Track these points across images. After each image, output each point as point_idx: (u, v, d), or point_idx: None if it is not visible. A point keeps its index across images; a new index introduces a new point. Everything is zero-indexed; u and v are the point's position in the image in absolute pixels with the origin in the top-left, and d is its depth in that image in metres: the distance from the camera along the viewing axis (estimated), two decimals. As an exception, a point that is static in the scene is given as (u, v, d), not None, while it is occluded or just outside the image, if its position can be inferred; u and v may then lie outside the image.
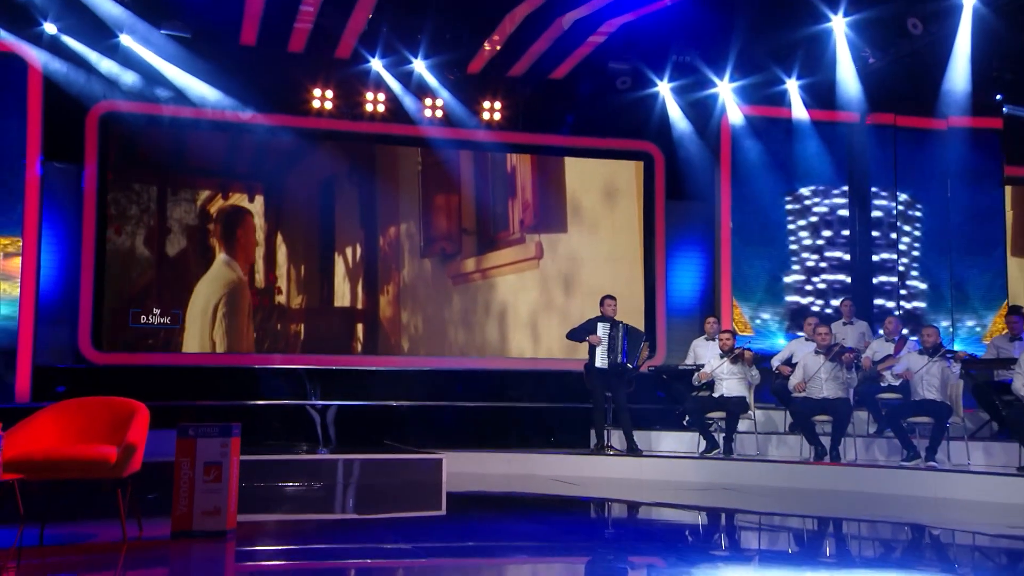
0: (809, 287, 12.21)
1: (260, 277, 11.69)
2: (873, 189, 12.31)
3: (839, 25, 10.51)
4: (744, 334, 11.58)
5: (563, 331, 10.60)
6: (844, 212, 12.35)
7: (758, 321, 11.94)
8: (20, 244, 10.43)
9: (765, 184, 12.13)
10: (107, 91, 11.01)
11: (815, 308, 11.92)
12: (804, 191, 12.30)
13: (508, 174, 12.52)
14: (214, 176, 11.68)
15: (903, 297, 12.17)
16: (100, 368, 10.87)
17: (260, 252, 11.74)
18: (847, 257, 12.28)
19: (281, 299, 11.75)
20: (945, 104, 11.05)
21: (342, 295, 12.01)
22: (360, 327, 12.03)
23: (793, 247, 12.27)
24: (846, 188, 12.35)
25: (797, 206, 12.33)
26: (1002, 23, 9.81)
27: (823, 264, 12.25)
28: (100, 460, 4.85)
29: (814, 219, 12.29)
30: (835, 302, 11.62)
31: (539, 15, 10.45)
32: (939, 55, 10.47)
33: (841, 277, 12.18)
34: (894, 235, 12.32)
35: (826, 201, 12.32)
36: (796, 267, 12.25)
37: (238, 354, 11.49)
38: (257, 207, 11.74)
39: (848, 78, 11.28)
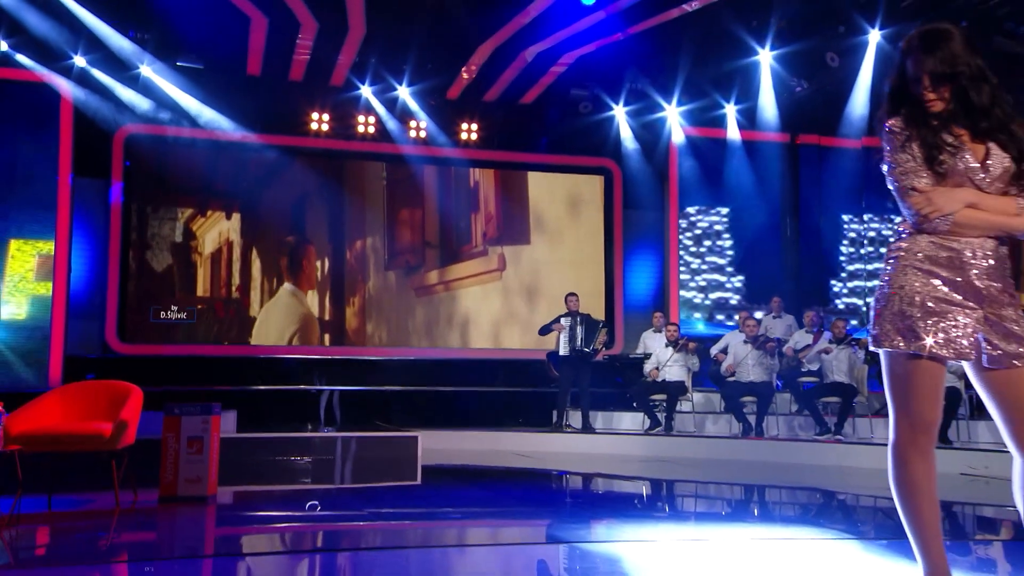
0: (741, 285, 12.33)
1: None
2: (801, 200, 12.39)
3: (766, 58, 10.65)
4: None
5: (524, 338, 10.85)
6: (775, 221, 12.42)
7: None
8: (53, 248, 10.48)
9: (707, 196, 12.25)
10: (130, 116, 11.00)
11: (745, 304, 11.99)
12: (739, 202, 12.32)
13: (472, 189, 12.44)
14: (224, 190, 11.57)
15: (830, 294, 12.31)
16: (124, 358, 10.80)
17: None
18: (778, 260, 12.33)
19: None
20: (858, 126, 11.19)
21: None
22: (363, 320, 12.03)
23: (730, 253, 12.33)
24: (778, 200, 12.39)
25: (733, 216, 12.38)
26: (898, 59, 9.98)
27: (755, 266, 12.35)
28: (96, 434, 4.86)
29: (748, 227, 12.33)
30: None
31: (506, 48, 10.51)
32: (853, 84, 10.65)
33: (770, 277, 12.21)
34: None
35: (760, 211, 12.35)
36: (730, 269, 12.35)
37: (247, 345, 11.46)
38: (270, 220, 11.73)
39: (777, 104, 11.41)
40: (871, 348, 2.68)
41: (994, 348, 2.50)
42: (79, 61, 10.47)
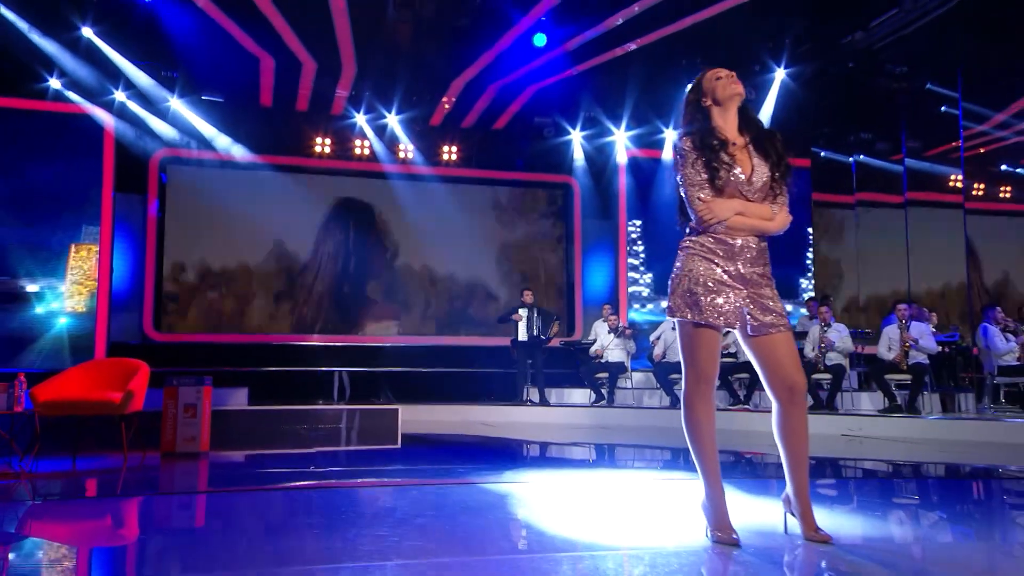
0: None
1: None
2: None
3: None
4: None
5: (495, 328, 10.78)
6: None
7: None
8: (94, 254, 10.64)
9: (650, 207, 12.33)
10: (162, 142, 11.09)
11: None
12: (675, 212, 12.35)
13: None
14: (242, 204, 11.49)
15: None
16: (159, 344, 10.92)
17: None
18: None
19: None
20: None
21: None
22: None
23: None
24: None
25: (671, 223, 12.36)
26: (802, 91, 10.32)
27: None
28: (108, 401, 4.97)
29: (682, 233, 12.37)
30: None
31: (476, 82, 10.73)
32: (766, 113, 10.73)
33: None
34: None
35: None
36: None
37: (259, 333, 11.52)
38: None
39: None
40: (667, 317, 2.98)
41: (755, 320, 2.77)
42: (119, 96, 10.63)
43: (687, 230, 2.92)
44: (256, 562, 2.75)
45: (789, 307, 11.78)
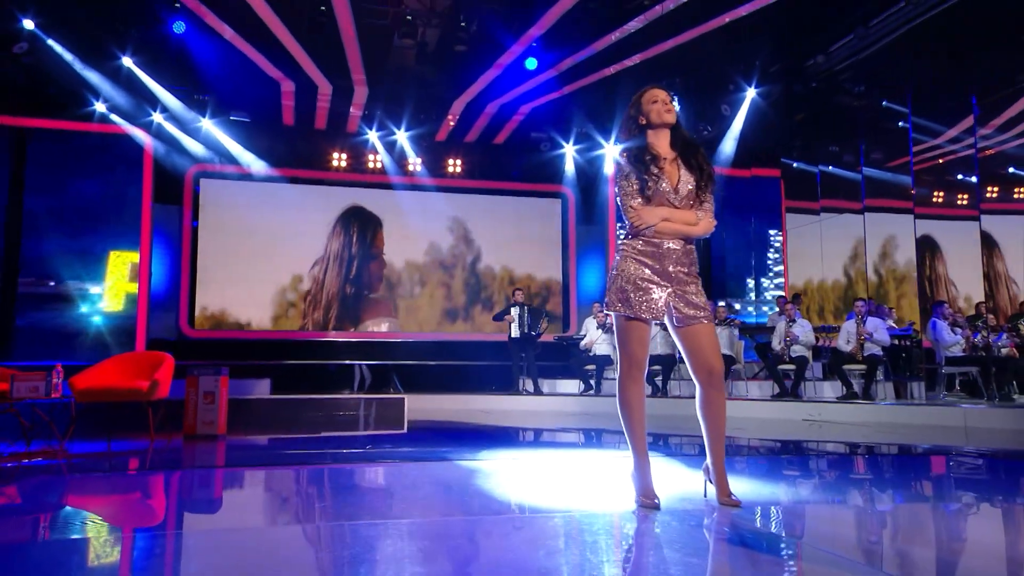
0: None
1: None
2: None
3: (676, 107, 10.93)
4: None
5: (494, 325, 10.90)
6: None
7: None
8: (136, 259, 10.93)
9: None
10: (195, 158, 11.32)
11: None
12: None
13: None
14: (268, 214, 11.73)
15: (727, 286, 12.44)
16: (193, 340, 11.16)
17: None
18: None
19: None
20: (748, 159, 11.47)
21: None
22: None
23: None
24: None
25: None
26: (771, 108, 10.42)
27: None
28: (136, 389, 5.17)
29: None
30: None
31: (475, 102, 10.91)
32: (741, 129, 10.90)
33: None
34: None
35: None
36: None
37: (282, 330, 11.68)
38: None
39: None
40: (604, 311, 3.14)
41: (679, 312, 2.91)
42: (156, 118, 10.88)
43: (624, 235, 3.06)
44: (262, 518, 2.99)
45: (764, 307, 12.11)
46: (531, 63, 9.68)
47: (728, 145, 11.05)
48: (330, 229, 12.10)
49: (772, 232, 12.07)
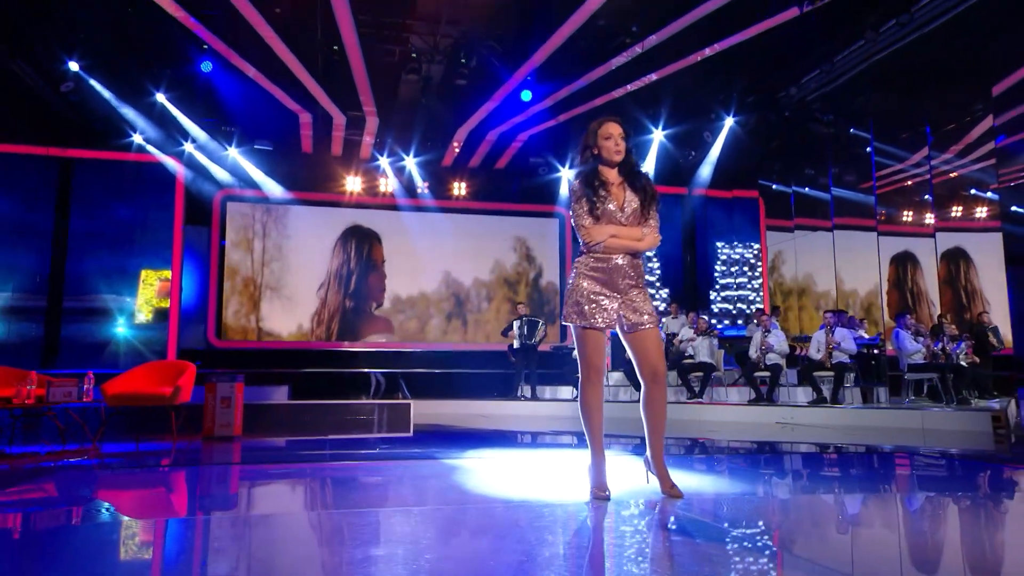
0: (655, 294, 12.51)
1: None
2: (696, 235, 12.64)
3: (658, 135, 11.07)
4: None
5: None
6: (680, 249, 12.65)
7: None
8: (169, 276, 11.19)
9: None
10: (223, 183, 11.57)
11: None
12: None
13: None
14: (289, 233, 11.92)
15: (711, 299, 12.54)
16: (220, 350, 11.35)
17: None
18: (679, 277, 12.64)
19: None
20: (729, 181, 11.57)
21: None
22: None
23: (647, 271, 12.41)
24: (679, 236, 12.68)
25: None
26: (748, 136, 10.54)
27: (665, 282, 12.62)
28: (160, 394, 5.30)
29: (661, 254, 12.55)
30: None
31: (477, 130, 11.10)
32: (721, 154, 11.11)
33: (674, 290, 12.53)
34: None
35: (669, 242, 12.45)
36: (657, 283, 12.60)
37: (300, 340, 11.83)
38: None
39: (674, 167, 11.80)
40: (562, 323, 3.29)
41: (627, 320, 3.06)
42: (187, 147, 11.15)
43: (579, 252, 3.17)
44: (267, 507, 3.19)
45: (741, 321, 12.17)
46: (526, 95, 9.88)
47: (710, 169, 11.18)
48: (342, 247, 12.26)
49: (753, 248, 12.14)
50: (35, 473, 4.21)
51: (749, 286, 12.09)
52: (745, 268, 12.24)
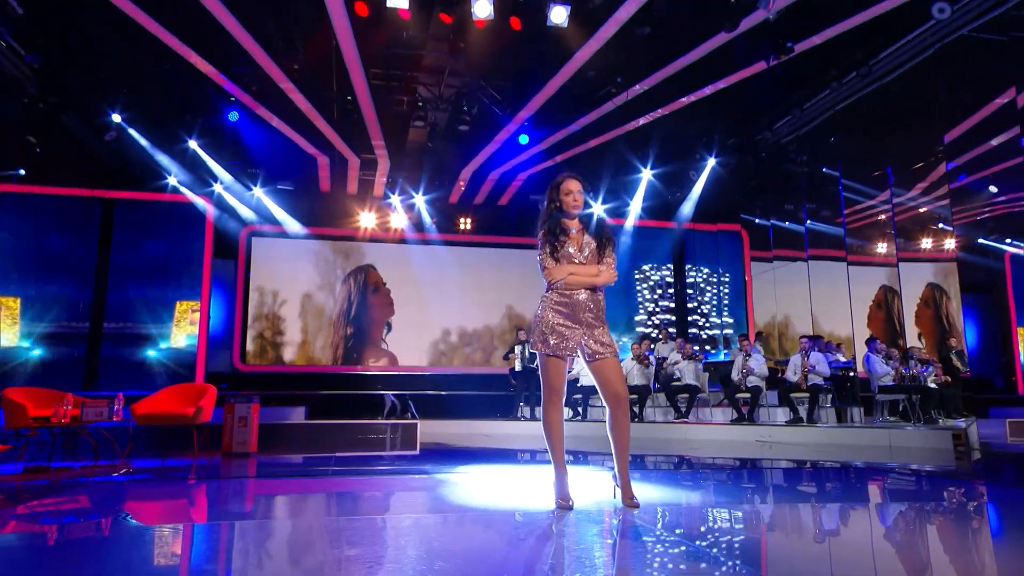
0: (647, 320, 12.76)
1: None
2: (685, 263, 12.81)
3: (647, 174, 11.33)
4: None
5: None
6: (669, 278, 12.80)
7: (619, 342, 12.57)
8: (199, 306, 11.42)
9: (624, 261, 12.54)
10: (248, 221, 11.84)
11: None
12: (645, 267, 12.74)
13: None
14: (307, 267, 12.10)
15: (698, 325, 12.67)
16: (245, 374, 11.55)
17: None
18: (672, 304, 12.80)
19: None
20: (713, 216, 11.75)
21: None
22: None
23: (639, 299, 12.78)
24: (671, 265, 12.81)
25: (641, 275, 12.81)
26: (729, 175, 10.75)
27: (657, 308, 12.81)
28: (183, 414, 5.49)
29: (652, 283, 12.76)
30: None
31: (480, 171, 11.39)
32: (705, 191, 11.33)
33: (668, 316, 12.69)
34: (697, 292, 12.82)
35: (659, 272, 12.79)
36: (640, 309, 12.81)
37: (317, 365, 11.99)
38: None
39: (662, 202, 12.00)
40: (530, 350, 3.49)
41: (590, 350, 3.26)
42: (216, 188, 11.48)
43: (545, 289, 3.37)
44: (275, 513, 3.41)
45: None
46: (523, 139, 10.19)
47: (696, 204, 11.40)
48: (356, 278, 12.44)
49: (735, 278, 12.29)
50: (72, 486, 4.43)
51: (734, 314, 12.20)
52: (729, 296, 12.35)
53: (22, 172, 10.58)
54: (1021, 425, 8.05)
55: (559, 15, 7.21)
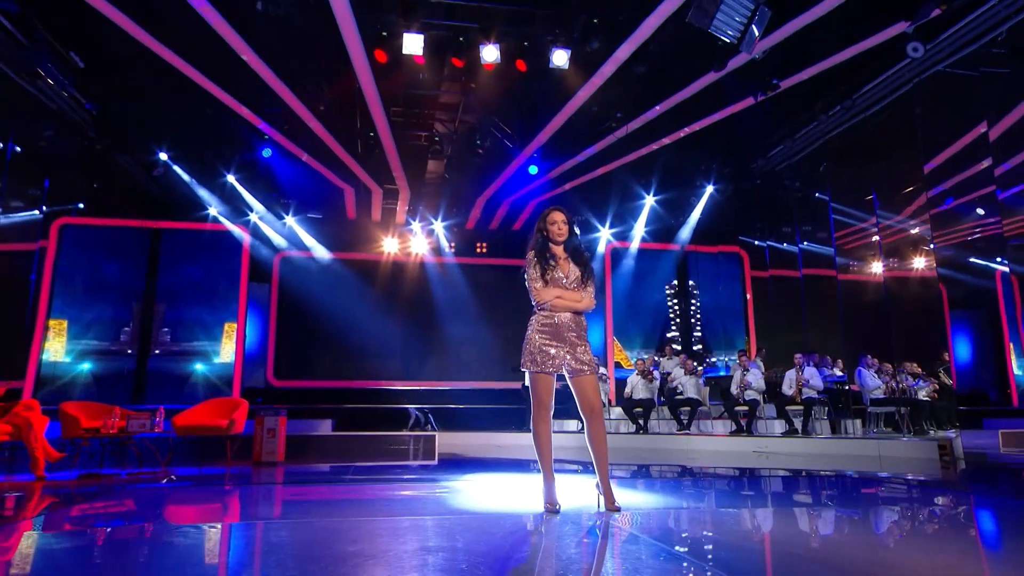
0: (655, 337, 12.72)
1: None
2: (687, 285, 12.83)
3: (649, 200, 11.51)
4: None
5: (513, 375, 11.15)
6: (673, 298, 12.85)
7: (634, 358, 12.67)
8: (235, 326, 11.78)
9: (629, 282, 12.74)
10: (281, 247, 12.21)
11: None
12: (650, 286, 12.76)
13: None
14: (335, 289, 12.27)
15: (702, 342, 12.63)
16: (277, 388, 11.83)
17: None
18: (676, 321, 12.79)
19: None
20: (714, 238, 11.83)
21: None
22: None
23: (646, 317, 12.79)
24: (675, 284, 12.89)
25: (647, 296, 12.79)
26: (727, 200, 10.84)
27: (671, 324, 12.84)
28: (218, 426, 5.73)
29: (654, 303, 12.78)
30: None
31: (494, 199, 11.66)
32: (705, 215, 11.44)
33: (674, 332, 12.75)
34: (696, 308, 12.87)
35: (665, 292, 12.88)
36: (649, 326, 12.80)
37: (345, 379, 12.12)
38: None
39: (663, 226, 12.15)
40: (521, 368, 3.66)
41: (571, 367, 3.42)
42: (252, 218, 11.90)
43: (532, 311, 3.56)
44: (297, 515, 3.65)
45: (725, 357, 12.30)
46: (532, 169, 10.42)
47: (696, 228, 11.53)
48: (380, 298, 12.70)
49: (735, 296, 12.34)
50: (120, 491, 4.71)
51: (736, 330, 12.25)
52: (731, 314, 12.41)
53: (81, 206, 11.14)
54: (1012, 436, 8.00)
55: (560, 58, 7.50)
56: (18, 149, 9.02)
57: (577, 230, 3.83)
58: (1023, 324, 9.14)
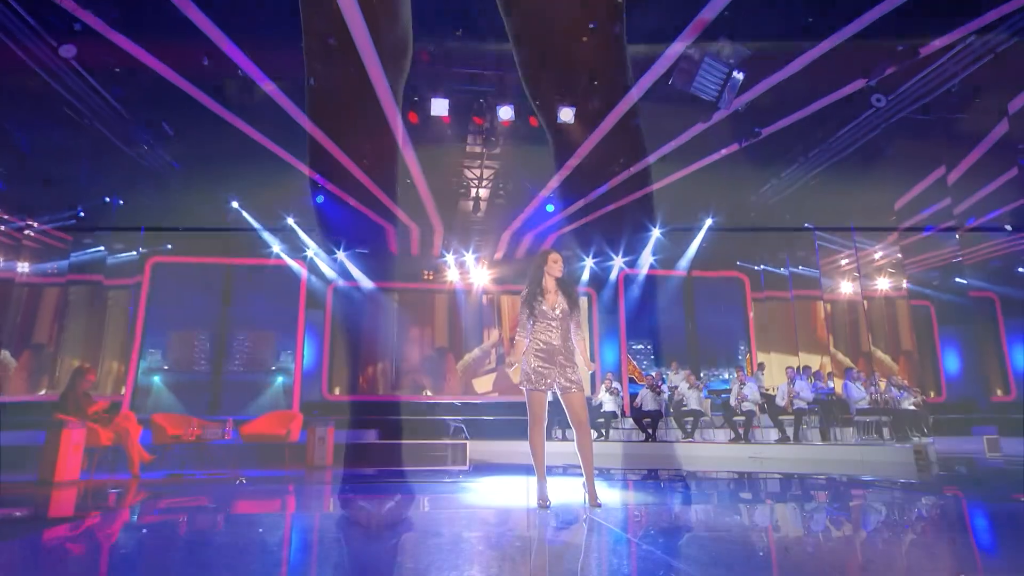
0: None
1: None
2: (696, 307, 12.78)
3: (655, 232, 11.76)
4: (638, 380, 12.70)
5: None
6: (680, 319, 12.88)
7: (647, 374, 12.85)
8: (295, 349, 12.34)
9: (639, 304, 12.89)
10: (334, 278, 12.65)
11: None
12: (660, 310, 12.88)
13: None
14: (379, 315, 12.69)
15: (706, 359, 12.67)
16: (331, 402, 12.13)
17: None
18: (682, 341, 12.83)
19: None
20: (717, 264, 11.94)
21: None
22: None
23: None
24: (681, 307, 12.88)
25: (656, 318, 12.94)
26: (725, 232, 11.02)
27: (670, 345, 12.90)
28: (277, 435, 6.19)
29: (667, 322, 12.82)
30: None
31: (517, 234, 12.03)
32: (704, 247, 11.58)
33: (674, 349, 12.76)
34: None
35: (671, 313, 12.85)
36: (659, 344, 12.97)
37: (389, 394, 12.56)
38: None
39: (669, 255, 12.40)
40: (520, 387, 3.99)
41: (561, 385, 3.76)
42: (309, 254, 12.40)
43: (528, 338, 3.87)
44: (337, 510, 4.10)
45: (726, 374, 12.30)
46: (549, 207, 10.86)
47: (698, 255, 11.70)
48: (421, 322, 13.13)
49: (737, 317, 12.39)
50: (200, 488, 5.20)
51: (737, 347, 12.29)
52: (732, 333, 12.46)
53: (169, 246, 12.02)
54: (995, 442, 7.96)
55: (567, 115, 7.97)
56: (120, 202, 9.92)
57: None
58: (1006, 339, 9.06)
